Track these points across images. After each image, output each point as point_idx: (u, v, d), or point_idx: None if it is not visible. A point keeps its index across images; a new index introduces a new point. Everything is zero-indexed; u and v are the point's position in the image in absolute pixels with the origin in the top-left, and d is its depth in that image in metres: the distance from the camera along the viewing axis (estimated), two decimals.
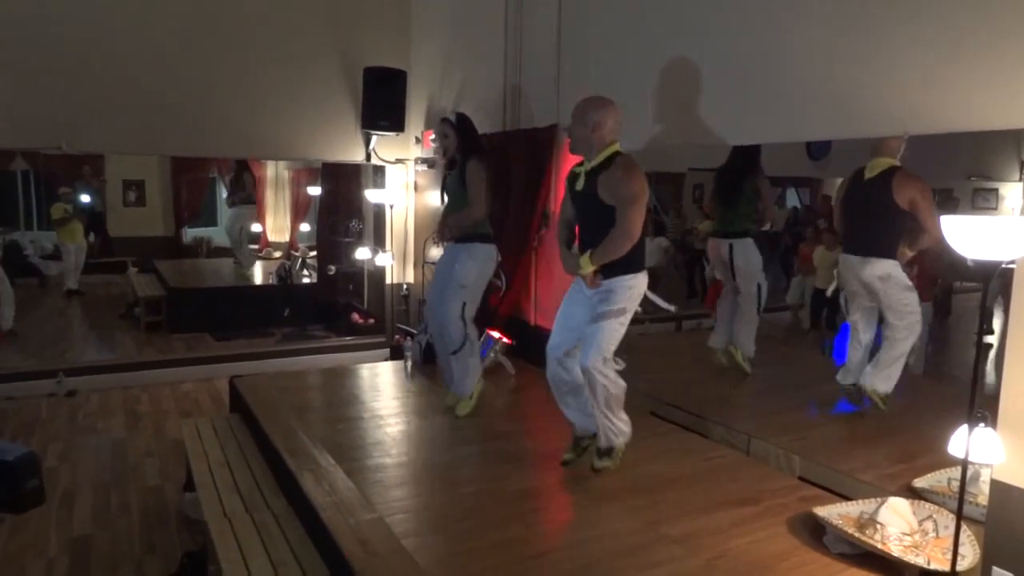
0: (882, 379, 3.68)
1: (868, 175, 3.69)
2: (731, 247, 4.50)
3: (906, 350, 3.66)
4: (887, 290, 3.63)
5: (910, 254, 3.68)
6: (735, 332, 4.60)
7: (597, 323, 3.03)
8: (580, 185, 3.12)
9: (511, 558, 2.52)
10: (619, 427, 3.14)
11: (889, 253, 3.63)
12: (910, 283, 3.66)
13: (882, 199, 3.58)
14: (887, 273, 3.61)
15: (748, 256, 4.50)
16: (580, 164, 3.20)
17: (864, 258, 3.66)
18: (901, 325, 3.65)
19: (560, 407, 3.33)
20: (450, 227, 3.95)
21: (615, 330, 3.03)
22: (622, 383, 3.11)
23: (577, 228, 3.29)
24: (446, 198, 4.12)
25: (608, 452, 3.15)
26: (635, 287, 3.06)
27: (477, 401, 4.03)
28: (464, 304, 3.95)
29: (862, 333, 3.84)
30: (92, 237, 9.96)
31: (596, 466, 3.15)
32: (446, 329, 3.97)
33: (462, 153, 3.95)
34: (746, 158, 4.40)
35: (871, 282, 3.65)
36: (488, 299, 4.43)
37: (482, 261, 3.96)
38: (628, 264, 3.03)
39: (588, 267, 3.04)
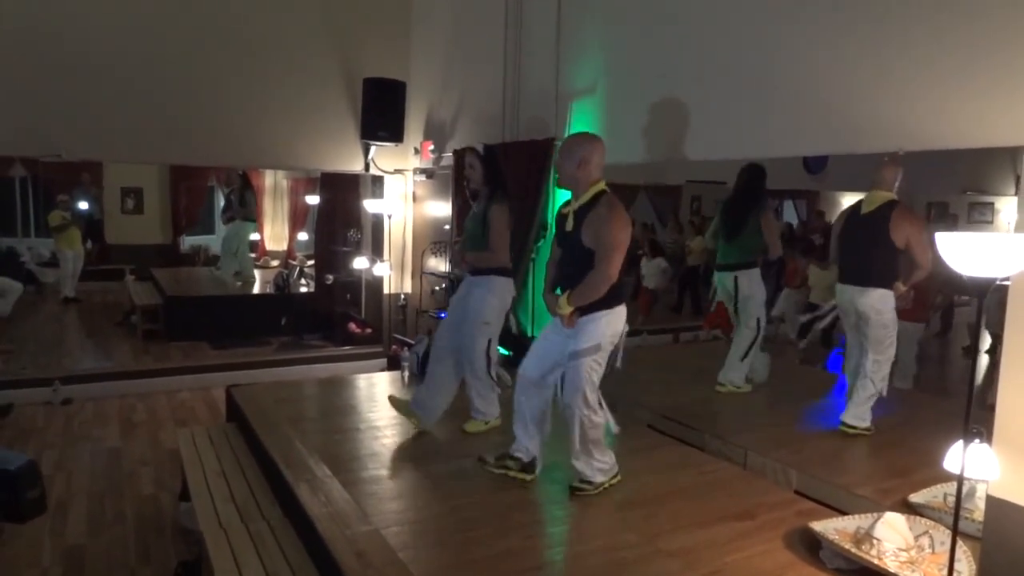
0: (855, 416, 3.73)
1: (866, 209, 3.70)
2: (736, 279, 4.49)
3: (878, 389, 3.70)
4: (874, 320, 3.65)
5: (903, 288, 3.70)
6: (727, 361, 4.57)
7: (573, 362, 3.03)
8: (570, 226, 3.09)
9: (508, 571, 2.52)
10: (598, 465, 3.13)
11: (886, 283, 3.66)
12: (895, 317, 3.69)
13: (879, 235, 3.61)
14: (882, 302, 3.65)
15: (752, 288, 4.48)
16: (568, 204, 3.19)
17: (863, 288, 3.69)
18: (882, 359, 3.68)
19: (514, 422, 3.31)
20: (468, 262, 3.84)
21: (592, 368, 3.02)
22: (601, 422, 3.09)
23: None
24: (465, 229, 3.98)
25: (588, 483, 3.14)
26: (611, 322, 3.04)
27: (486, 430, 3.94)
28: (489, 341, 3.81)
29: (854, 360, 3.84)
30: (89, 244, 9.94)
31: (575, 486, 3.13)
32: (473, 364, 3.84)
33: (488, 186, 3.81)
34: (751, 192, 4.39)
35: (866, 311, 3.68)
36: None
37: (500, 295, 3.82)
38: (602, 300, 3.01)
39: (567, 308, 3.02)
